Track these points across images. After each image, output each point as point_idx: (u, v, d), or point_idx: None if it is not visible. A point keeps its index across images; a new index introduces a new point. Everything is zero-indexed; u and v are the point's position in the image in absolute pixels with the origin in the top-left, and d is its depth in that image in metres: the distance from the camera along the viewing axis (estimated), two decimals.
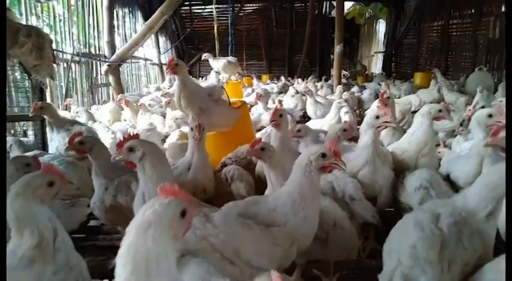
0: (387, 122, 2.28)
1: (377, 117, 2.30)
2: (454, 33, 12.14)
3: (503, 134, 1.73)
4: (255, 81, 12.26)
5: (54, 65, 3.25)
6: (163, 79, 13.35)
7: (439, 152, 3.42)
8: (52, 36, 6.75)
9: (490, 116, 2.29)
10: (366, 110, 6.18)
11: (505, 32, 9.64)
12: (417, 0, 13.85)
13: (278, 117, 2.48)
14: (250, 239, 1.47)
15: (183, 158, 2.53)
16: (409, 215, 1.59)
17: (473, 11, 11.01)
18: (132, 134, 1.96)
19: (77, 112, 4.50)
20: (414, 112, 5.45)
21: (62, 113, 5.36)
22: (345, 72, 15.88)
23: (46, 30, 6.73)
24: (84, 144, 2.15)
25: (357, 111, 6.47)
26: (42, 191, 1.48)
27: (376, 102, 5.93)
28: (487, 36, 10.40)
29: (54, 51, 5.92)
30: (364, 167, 2.30)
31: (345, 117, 4.37)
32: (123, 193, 2.08)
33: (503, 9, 9.67)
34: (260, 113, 5.52)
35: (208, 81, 5.99)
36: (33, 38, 2.61)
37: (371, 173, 2.28)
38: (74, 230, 2.24)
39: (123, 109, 5.84)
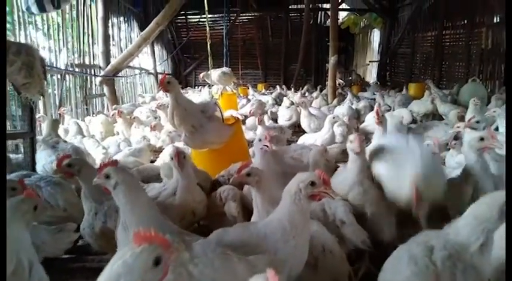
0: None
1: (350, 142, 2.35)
2: (448, 44, 12.27)
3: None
4: (250, 90, 12.28)
5: (45, 82, 3.23)
6: (158, 88, 13.34)
7: None
8: (47, 44, 6.82)
9: (482, 139, 2.28)
10: (362, 122, 6.18)
11: (497, 41, 9.78)
12: (411, 10, 14.02)
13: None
14: (228, 271, 1.44)
15: (171, 181, 2.50)
16: (403, 247, 1.57)
17: (465, 21, 11.15)
18: (111, 159, 1.96)
19: (64, 110, 4.44)
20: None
21: None
22: (340, 81, 15.98)
23: (41, 38, 6.72)
24: (73, 166, 2.10)
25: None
26: (30, 215, 1.49)
27: (371, 114, 5.96)
28: (479, 47, 10.52)
29: (47, 67, 5.95)
30: (352, 188, 2.27)
31: (338, 131, 4.36)
32: (112, 217, 2.04)
33: (495, 20, 9.81)
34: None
35: (201, 96, 5.96)
36: (22, 56, 2.58)
37: (360, 194, 2.25)
38: None
39: (115, 121, 5.78)
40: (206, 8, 5.19)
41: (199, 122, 3.07)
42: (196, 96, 10.23)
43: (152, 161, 4.66)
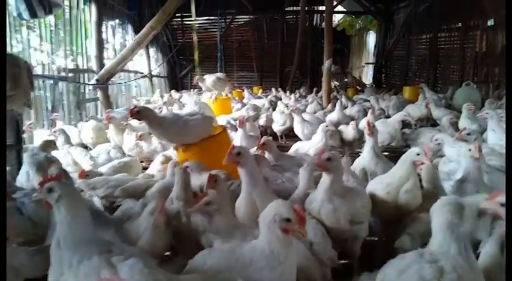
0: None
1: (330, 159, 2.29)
2: (443, 46, 12.30)
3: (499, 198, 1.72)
4: (246, 93, 12.24)
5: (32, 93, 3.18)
6: (153, 92, 13.29)
7: None
8: (43, 47, 6.77)
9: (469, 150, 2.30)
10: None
11: (491, 44, 9.81)
12: (406, 13, 14.05)
13: (236, 156, 2.37)
14: None
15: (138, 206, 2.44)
16: (409, 264, 1.56)
17: (460, 24, 11.17)
18: (56, 174, 1.94)
19: (54, 131, 4.31)
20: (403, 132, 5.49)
21: (45, 132, 5.30)
22: (336, 83, 15.99)
23: (35, 40, 6.66)
24: (52, 192, 1.86)
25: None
26: None
27: (364, 120, 5.94)
28: (474, 50, 10.55)
29: (38, 76, 5.89)
30: (322, 206, 2.22)
31: (331, 140, 4.33)
32: None
33: (489, 23, 9.83)
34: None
35: (187, 107, 5.86)
36: (8, 68, 2.53)
37: (330, 211, 2.20)
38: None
39: (108, 127, 5.70)
40: (193, 11, 5.14)
41: (184, 127, 3.10)
42: (190, 100, 10.20)
43: (145, 168, 4.61)
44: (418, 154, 2.43)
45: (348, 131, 5.10)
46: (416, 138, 5.05)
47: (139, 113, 3.06)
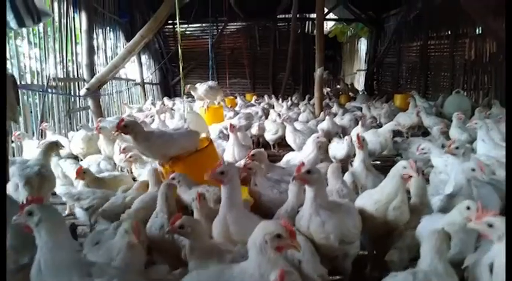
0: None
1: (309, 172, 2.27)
2: (433, 54, 12.46)
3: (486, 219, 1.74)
4: (239, 100, 12.23)
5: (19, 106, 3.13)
6: (145, 99, 13.23)
7: None
8: (33, 53, 6.68)
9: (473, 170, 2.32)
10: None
11: (480, 52, 9.95)
12: (396, 21, 14.23)
13: (219, 175, 2.31)
14: None
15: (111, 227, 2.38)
16: None
17: (449, 32, 11.33)
18: (37, 196, 1.89)
19: (42, 144, 4.22)
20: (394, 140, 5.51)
21: (34, 142, 5.20)
22: (328, 89, 16.07)
23: (25, 46, 6.58)
24: (32, 216, 1.76)
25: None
26: None
27: (355, 131, 5.96)
28: (463, 57, 10.69)
29: (26, 89, 5.78)
30: (310, 222, 2.20)
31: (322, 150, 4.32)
32: None
33: (477, 31, 9.99)
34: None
35: (174, 123, 5.79)
36: None
37: (319, 225, 2.18)
38: None
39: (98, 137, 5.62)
40: (178, 18, 5.12)
41: (169, 141, 3.08)
42: (182, 107, 10.14)
43: (134, 179, 4.54)
44: (405, 167, 2.44)
45: (341, 148, 4.76)
46: (408, 148, 5.08)
47: (126, 126, 3.03)
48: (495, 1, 8.65)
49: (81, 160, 5.42)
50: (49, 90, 6.92)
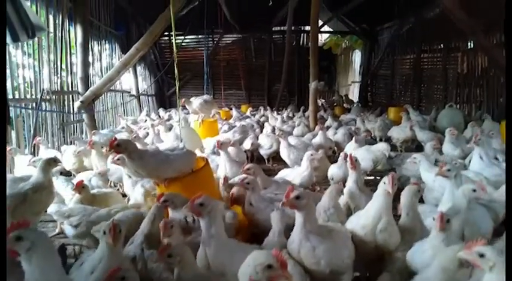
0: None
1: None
2: (426, 67, 12.62)
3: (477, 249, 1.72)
4: (234, 112, 12.25)
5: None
6: (141, 110, 13.21)
7: None
8: (27, 63, 6.65)
9: (474, 190, 2.32)
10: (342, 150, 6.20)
11: (472, 66, 10.09)
12: (390, 34, 14.42)
13: (198, 206, 2.23)
14: None
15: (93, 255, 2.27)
16: None
17: (442, 46, 11.50)
18: (21, 221, 1.82)
19: (33, 161, 4.17)
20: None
21: (27, 157, 5.14)
22: (323, 100, 16.18)
23: (20, 56, 6.56)
24: (21, 241, 1.70)
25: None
26: None
27: (349, 146, 5.98)
28: (456, 71, 10.83)
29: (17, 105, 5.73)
30: (301, 247, 2.17)
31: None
32: None
33: (469, 46, 10.14)
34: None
35: (169, 140, 5.74)
36: None
37: (309, 250, 2.14)
38: None
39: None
40: (173, 30, 5.14)
41: (165, 163, 3.04)
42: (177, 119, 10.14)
43: (124, 195, 4.48)
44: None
45: (336, 170, 4.56)
46: (401, 164, 5.09)
47: (119, 146, 3.00)
48: (486, 19, 8.86)
49: (74, 176, 5.38)
50: (42, 106, 6.89)
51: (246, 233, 3.04)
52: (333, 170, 4.14)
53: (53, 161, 3.38)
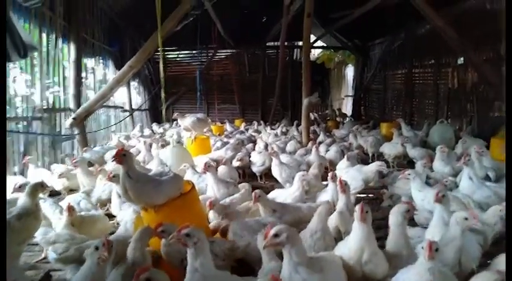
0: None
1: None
2: (417, 82, 12.76)
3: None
4: (228, 126, 12.27)
5: None
6: (134, 125, 13.18)
7: None
8: (23, 78, 6.60)
9: (466, 218, 2.34)
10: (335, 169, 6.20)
11: (463, 81, 10.23)
12: (381, 49, 14.64)
13: (184, 236, 2.19)
14: None
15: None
16: None
17: (433, 61, 11.67)
18: None
19: (20, 187, 4.08)
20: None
21: (15, 179, 5.07)
22: (316, 114, 16.28)
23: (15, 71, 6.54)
24: None
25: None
26: None
27: (341, 163, 5.99)
28: (447, 86, 10.97)
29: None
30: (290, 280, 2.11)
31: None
32: None
33: (459, 62, 10.31)
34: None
35: (153, 166, 5.68)
36: None
37: None
38: None
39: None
40: (160, 47, 5.17)
41: (155, 189, 3.00)
42: (172, 132, 10.12)
43: (110, 216, 4.41)
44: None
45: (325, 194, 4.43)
46: (393, 183, 5.10)
47: (125, 156, 2.91)
48: (476, 36, 9.05)
49: (64, 195, 5.32)
50: (32, 125, 6.84)
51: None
52: (321, 197, 4.10)
53: (40, 186, 3.33)
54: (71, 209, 3.58)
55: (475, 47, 8.82)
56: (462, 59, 10.00)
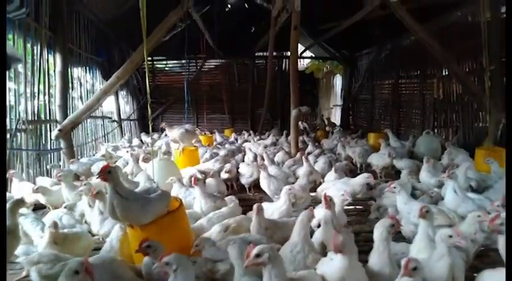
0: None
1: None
2: (404, 92, 12.96)
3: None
4: (217, 136, 12.22)
5: None
6: (122, 135, 13.05)
7: None
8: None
9: (450, 236, 2.37)
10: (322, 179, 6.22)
11: (448, 92, 10.43)
12: (369, 59, 14.86)
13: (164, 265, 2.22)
14: None
15: None
16: None
17: (418, 72, 11.88)
18: None
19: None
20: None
21: None
22: (305, 124, 16.37)
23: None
24: None
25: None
26: None
27: (329, 175, 6.01)
28: (432, 96, 11.16)
29: None
30: None
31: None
32: None
33: (444, 72, 10.51)
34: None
35: (141, 181, 5.60)
36: None
37: None
38: None
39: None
40: (146, 60, 5.15)
41: (142, 207, 2.93)
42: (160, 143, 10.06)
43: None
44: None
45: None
46: (380, 194, 5.14)
47: (110, 173, 2.86)
48: (459, 48, 9.27)
49: (49, 210, 5.22)
50: (17, 138, 6.71)
51: None
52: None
53: (20, 202, 3.26)
54: (56, 226, 3.49)
55: (458, 59, 9.03)
56: (446, 70, 10.21)
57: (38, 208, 5.72)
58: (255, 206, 3.47)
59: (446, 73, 10.34)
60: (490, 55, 6.92)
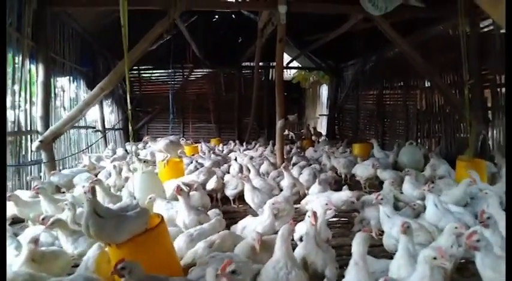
0: None
1: None
2: (388, 102, 13.18)
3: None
4: (203, 146, 12.13)
5: None
6: (106, 145, 12.85)
7: None
8: None
9: (434, 258, 2.38)
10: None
11: (430, 103, 10.66)
12: (354, 70, 15.10)
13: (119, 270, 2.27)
14: None
15: None
16: None
17: (402, 83, 12.11)
18: None
19: None
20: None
21: None
22: (291, 133, 16.45)
23: None
24: None
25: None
26: None
27: (314, 187, 6.02)
28: (416, 107, 11.38)
29: None
30: None
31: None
32: None
33: (426, 84, 10.74)
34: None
35: (124, 196, 5.49)
36: None
37: None
38: None
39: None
40: (127, 74, 5.10)
41: (117, 225, 2.88)
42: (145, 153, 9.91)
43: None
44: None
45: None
46: (364, 207, 5.15)
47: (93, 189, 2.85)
48: (440, 61, 9.51)
49: (27, 226, 5.08)
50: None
51: None
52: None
53: None
54: (36, 242, 3.35)
55: (440, 71, 9.25)
56: (429, 82, 10.43)
57: (15, 222, 5.55)
58: (256, 238, 3.35)
59: (429, 84, 10.56)
60: (469, 69, 7.09)
